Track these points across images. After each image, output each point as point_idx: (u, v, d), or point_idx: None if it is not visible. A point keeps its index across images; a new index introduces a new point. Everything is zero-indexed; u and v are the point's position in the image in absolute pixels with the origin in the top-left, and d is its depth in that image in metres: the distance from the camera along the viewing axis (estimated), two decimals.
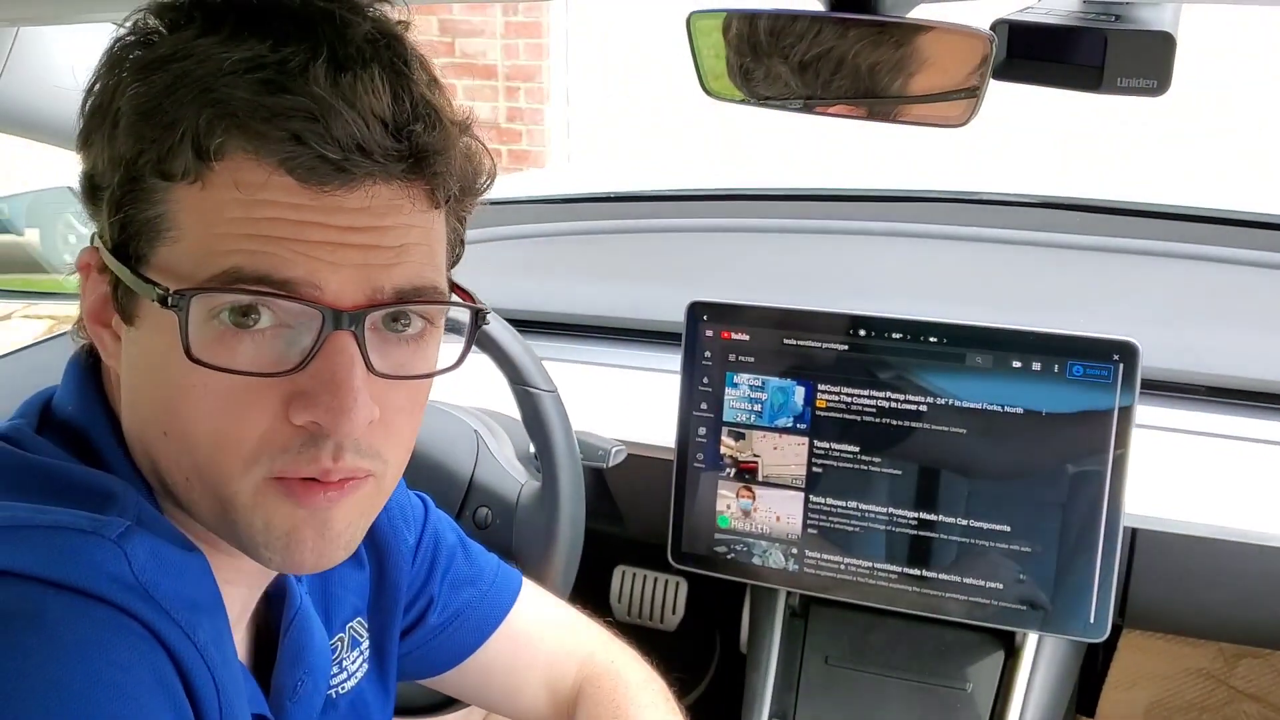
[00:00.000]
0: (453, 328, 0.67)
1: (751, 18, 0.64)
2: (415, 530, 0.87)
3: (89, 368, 0.65)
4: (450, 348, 0.64)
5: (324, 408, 0.56)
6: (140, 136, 0.56)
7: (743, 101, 0.68)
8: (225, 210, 0.55)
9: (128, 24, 0.59)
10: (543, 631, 0.94)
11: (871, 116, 0.65)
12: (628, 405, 1.44)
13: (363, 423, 0.57)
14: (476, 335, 0.67)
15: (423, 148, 0.57)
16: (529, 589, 0.95)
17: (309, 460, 0.57)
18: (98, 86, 0.59)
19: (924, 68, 0.63)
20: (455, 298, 0.64)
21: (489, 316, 1.08)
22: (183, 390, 0.56)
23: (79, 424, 0.62)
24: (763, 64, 0.65)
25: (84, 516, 0.55)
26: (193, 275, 0.55)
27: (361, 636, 0.82)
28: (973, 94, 0.63)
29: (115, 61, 0.59)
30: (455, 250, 0.66)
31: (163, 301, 0.55)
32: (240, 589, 0.68)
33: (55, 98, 0.97)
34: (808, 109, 0.65)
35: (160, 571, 0.55)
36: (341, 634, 0.80)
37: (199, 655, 0.56)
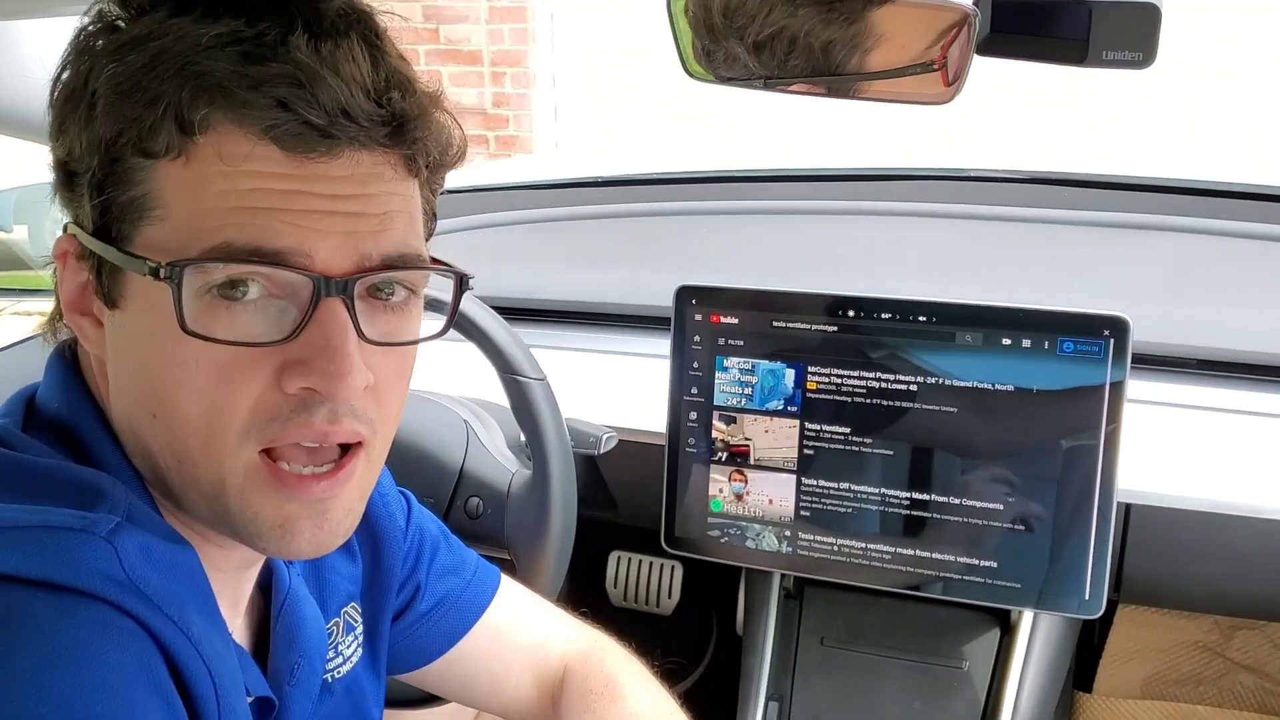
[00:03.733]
0: (431, 305, 0.68)
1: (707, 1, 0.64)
2: (403, 516, 0.88)
3: (70, 362, 0.65)
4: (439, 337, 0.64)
5: (320, 373, 0.57)
6: (120, 116, 0.56)
7: (716, 82, 0.68)
8: (211, 184, 0.55)
9: (91, 12, 0.58)
10: (523, 621, 0.95)
11: (838, 94, 0.64)
12: (618, 391, 1.43)
13: (359, 386, 0.58)
14: (463, 323, 0.67)
15: (402, 114, 0.58)
16: (507, 583, 0.96)
17: (300, 425, 0.58)
18: (68, 74, 0.59)
19: (881, 42, 0.63)
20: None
21: (473, 301, 1.08)
22: (173, 367, 0.56)
23: (65, 419, 0.62)
24: (721, 45, 0.66)
25: (73, 515, 0.55)
26: (183, 251, 0.55)
27: (356, 621, 0.82)
28: (929, 68, 0.62)
29: (84, 48, 0.58)
30: (429, 224, 0.66)
31: (154, 274, 0.55)
32: (232, 577, 0.68)
33: (27, 91, 0.96)
34: (770, 87, 0.65)
35: (150, 567, 0.55)
36: (337, 619, 0.80)
37: (193, 648, 0.56)
